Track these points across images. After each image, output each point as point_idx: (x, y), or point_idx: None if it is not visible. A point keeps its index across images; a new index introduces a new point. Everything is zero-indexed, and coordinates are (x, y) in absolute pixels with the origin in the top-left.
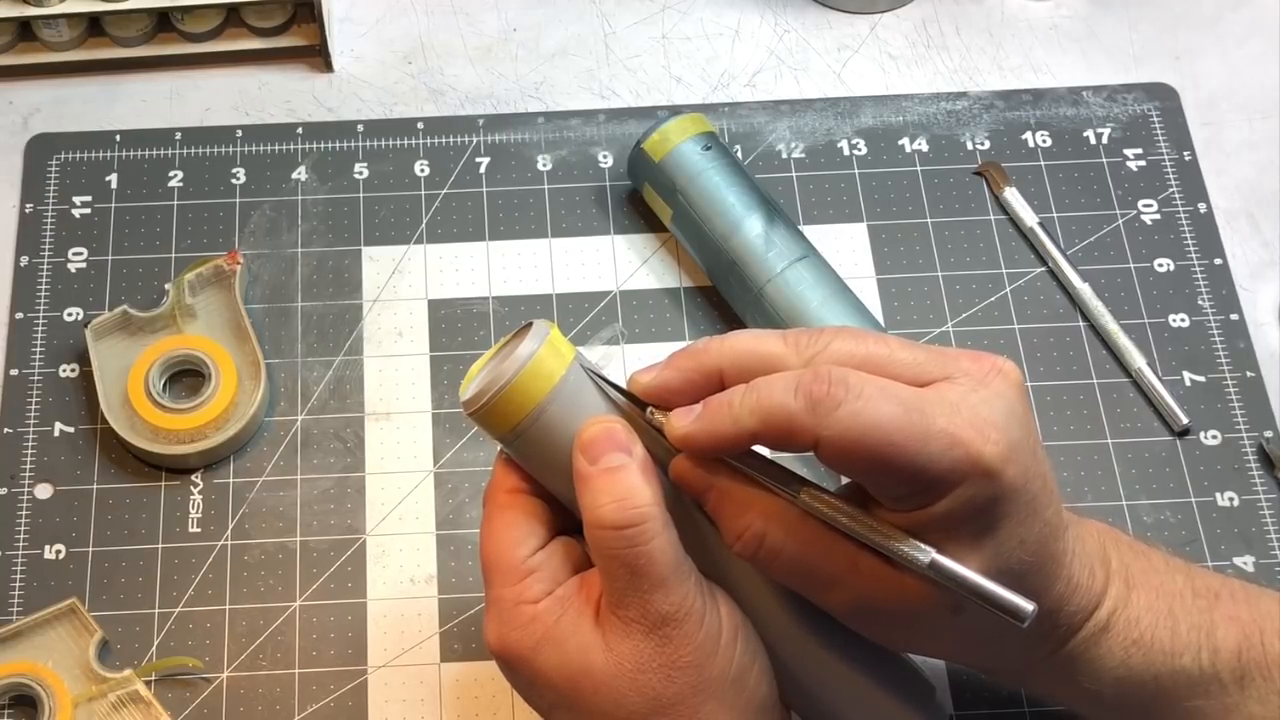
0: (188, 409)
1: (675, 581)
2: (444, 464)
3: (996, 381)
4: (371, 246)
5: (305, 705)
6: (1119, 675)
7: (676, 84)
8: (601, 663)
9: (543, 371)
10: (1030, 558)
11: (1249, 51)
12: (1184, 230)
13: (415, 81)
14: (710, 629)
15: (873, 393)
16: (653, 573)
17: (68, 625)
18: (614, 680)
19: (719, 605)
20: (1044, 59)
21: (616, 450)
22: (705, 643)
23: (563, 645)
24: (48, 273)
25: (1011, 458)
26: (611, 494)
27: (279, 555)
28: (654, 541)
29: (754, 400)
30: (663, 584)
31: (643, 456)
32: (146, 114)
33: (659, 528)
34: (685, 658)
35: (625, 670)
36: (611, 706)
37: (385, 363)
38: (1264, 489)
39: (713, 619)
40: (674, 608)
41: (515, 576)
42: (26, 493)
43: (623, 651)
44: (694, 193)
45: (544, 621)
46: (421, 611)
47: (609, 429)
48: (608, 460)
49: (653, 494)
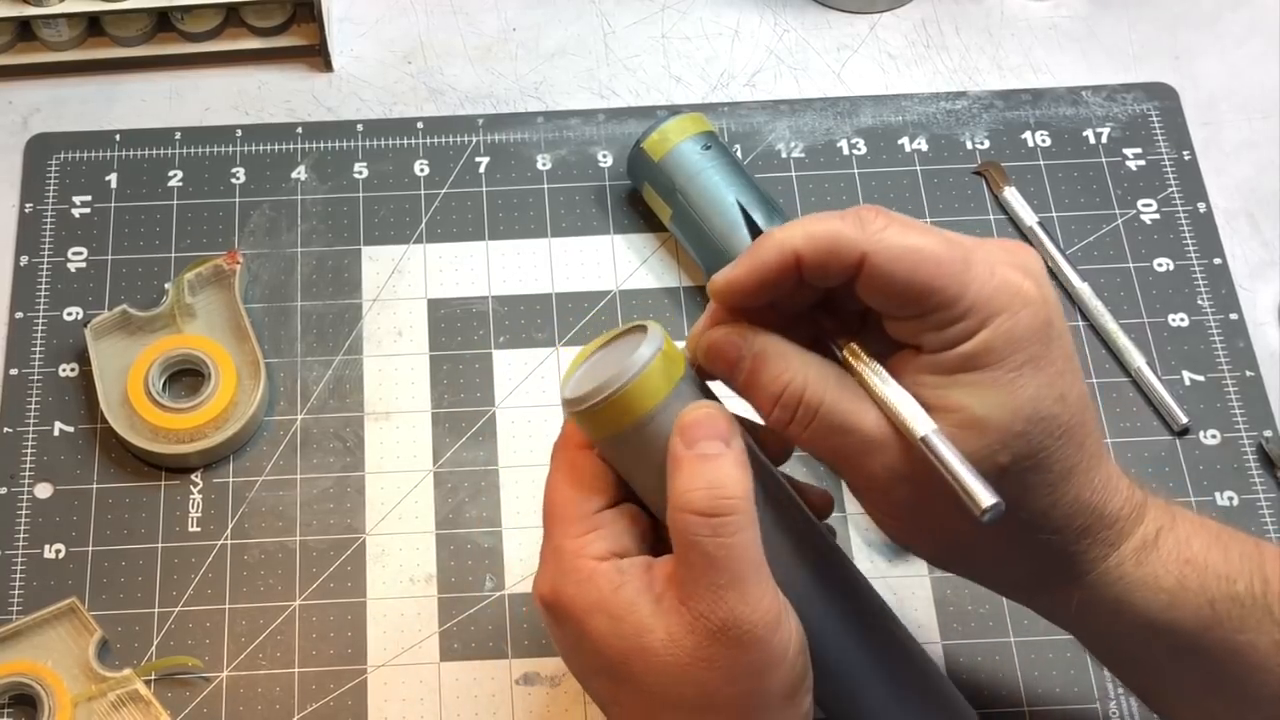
0: (187, 408)
1: (754, 582)
2: (443, 463)
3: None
4: (371, 246)
5: (305, 704)
6: (1173, 597)
7: (676, 84)
8: (660, 648)
9: (657, 378)
10: (1069, 416)
11: (1249, 51)
12: (1183, 230)
13: (415, 81)
14: (782, 639)
15: (919, 225)
16: (732, 568)
17: (67, 625)
18: (670, 668)
19: (791, 618)
20: (1043, 59)
21: (716, 438)
22: (775, 651)
23: (619, 618)
24: (47, 272)
25: (1049, 300)
26: (704, 479)
27: (279, 555)
28: (739, 535)
29: (799, 226)
30: (740, 582)
31: (741, 449)
32: (146, 114)
33: (746, 523)
34: (753, 664)
35: (683, 662)
36: (661, 691)
37: (385, 362)
38: (1264, 488)
39: (786, 629)
40: (749, 610)
41: (580, 529)
42: (26, 492)
43: (685, 644)
44: (693, 192)
45: (600, 585)
46: (421, 611)
47: (711, 414)
48: (705, 446)
49: (747, 487)
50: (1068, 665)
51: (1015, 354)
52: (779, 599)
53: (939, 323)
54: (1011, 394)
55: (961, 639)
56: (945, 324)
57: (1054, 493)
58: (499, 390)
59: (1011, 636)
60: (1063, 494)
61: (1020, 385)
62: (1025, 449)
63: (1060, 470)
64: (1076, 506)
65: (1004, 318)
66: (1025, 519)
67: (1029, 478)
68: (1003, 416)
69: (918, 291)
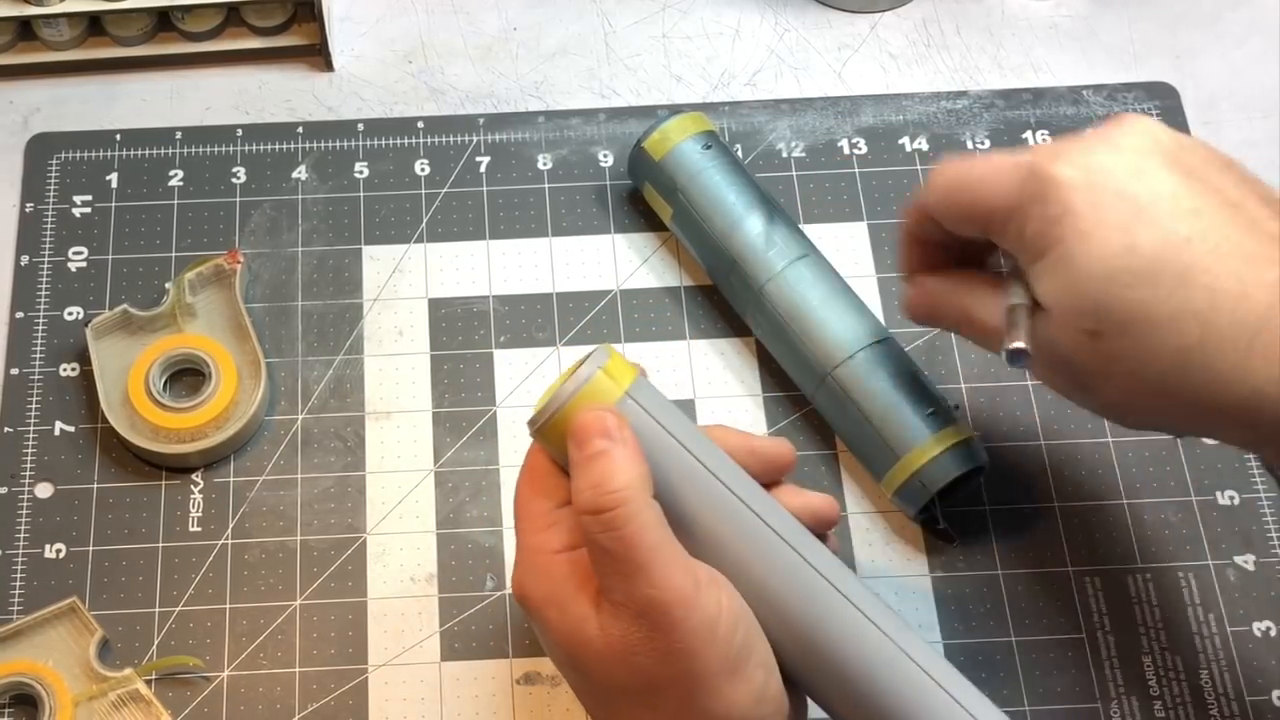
0: (188, 408)
1: (657, 565)
2: (444, 463)
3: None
4: (372, 245)
5: (305, 704)
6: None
7: (677, 83)
8: (595, 639)
9: (596, 397)
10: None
11: (1249, 51)
12: None
13: (415, 81)
14: (705, 615)
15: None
16: (632, 557)
17: (68, 624)
18: (608, 657)
19: (718, 592)
20: (1044, 58)
21: (600, 435)
22: (699, 629)
23: (564, 609)
24: (48, 272)
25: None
26: (589, 479)
27: (279, 554)
28: (630, 526)
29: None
30: (643, 568)
31: (629, 442)
32: (146, 113)
33: (635, 511)
34: (677, 644)
35: (617, 651)
36: (607, 679)
37: (385, 362)
38: (1264, 488)
39: (709, 605)
40: (659, 592)
41: (538, 524)
42: (27, 492)
43: (613, 634)
44: (694, 191)
45: (553, 576)
46: (422, 610)
47: (597, 415)
48: (591, 445)
49: (631, 477)
50: (1068, 665)
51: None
52: (693, 576)
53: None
54: (1062, 270)
55: (961, 639)
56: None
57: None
58: (500, 390)
59: (1012, 636)
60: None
61: (1066, 259)
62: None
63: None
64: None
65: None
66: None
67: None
68: (1060, 294)
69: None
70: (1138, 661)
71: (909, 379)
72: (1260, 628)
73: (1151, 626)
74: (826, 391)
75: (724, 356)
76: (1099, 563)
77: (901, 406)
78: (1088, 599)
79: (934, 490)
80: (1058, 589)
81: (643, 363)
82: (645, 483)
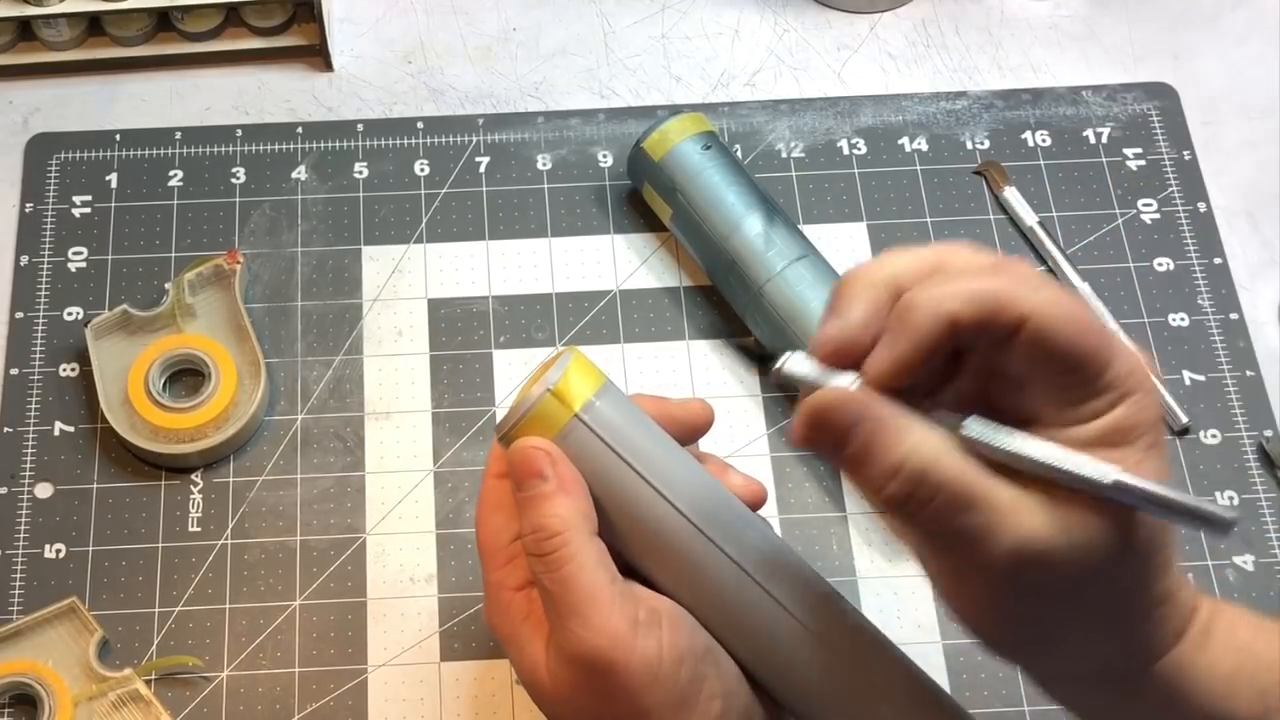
0: (188, 408)
1: (591, 608)
2: (444, 463)
3: None
4: (371, 246)
5: (305, 704)
6: (1229, 686)
7: (676, 83)
8: (545, 682)
9: (555, 408)
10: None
11: (1248, 51)
12: (1184, 229)
13: (415, 81)
14: (645, 656)
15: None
16: (568, 598)
17: (68, 624)
18: (558, 699)
19: (658, 631)
20: (1043, 58)
21: (533, 476)
22: (638, 671)
23: (521, 649)
24: (48, 272)
25: None
26: (530, 523)
27: (279, 554)
28: (566, 567)
29: (952, 286)
30: (577, 611)
31: (565, 476)
32: (146, 114)
33: (571, 554)
34: (620, 686)
35: (563, 694)
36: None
37: (385, 362)
38: (1264, 488)
39: (648, 645)
40: (593, 635)
41: (499, 560)
42: (27, 492)
43: (561, 677)
44: (693, 192)
45: (513, 617)
46: (421, 610)
47: (526, 452)
48: (528, 487)
49: (567, 518)
50: None
51: (1146, 434)
52: (630, 618)
53: (1082, 394)
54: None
55: (962, 638)
56: (1088, 396)
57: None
58: (499, 390)
59: None
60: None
61: (1145, 467)
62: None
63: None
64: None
65: (1139, 396)
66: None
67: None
68: None
69: (1077, 357)
70: None
71: None
72: None
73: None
74: None
75: (723, 356)
76: None
77: None
78: None
79: None
80: None
81: (642, 363)
82: (584, 521)
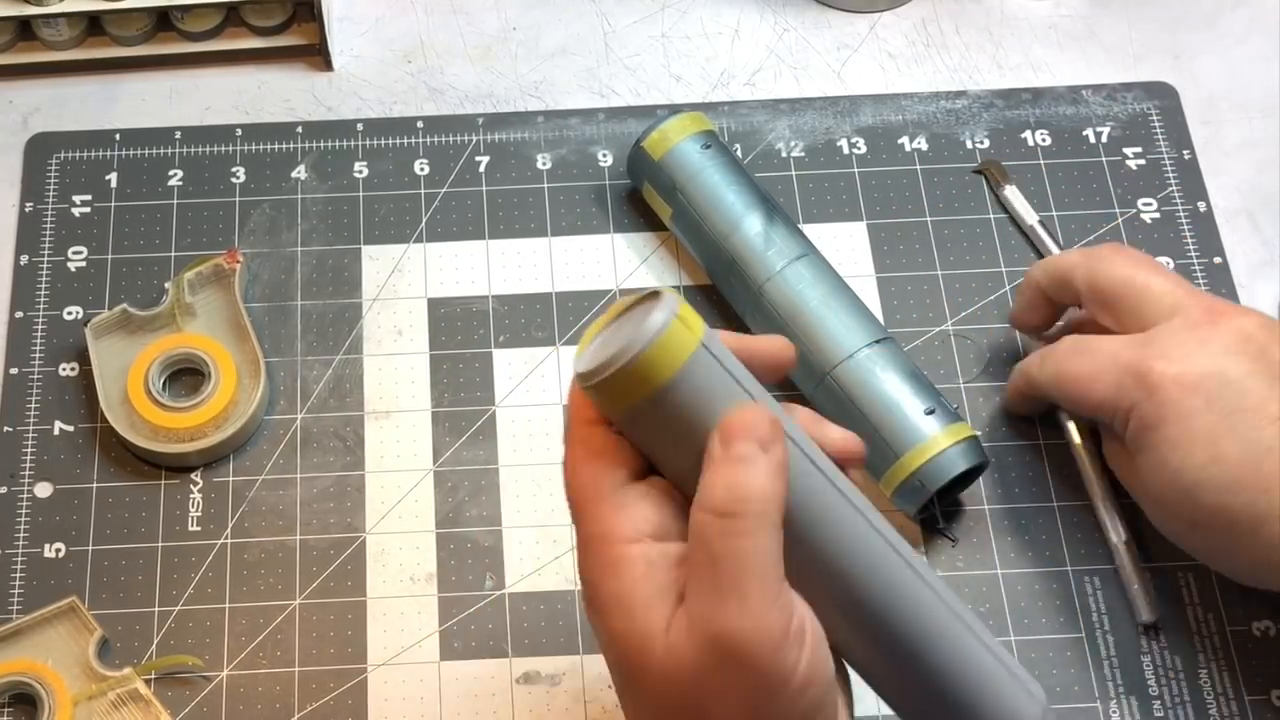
0: (187, 407)
1: (758, 594)
2: (444, 462)
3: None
4: (371, 245)
5: (305, 704)
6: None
7: (676, 83)
8: (658, 659)
9: (672, 347)
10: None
11: (1248, 50)
12: (1184, 229)
13: (415, 80)
14: (783, 665)
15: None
16: (735, 572)
17: (67, 624)
18: (664, 680)
19: (803, 649)
20: (1043, 58)
21: (752, 440)
22: (776, 676)
23: (633, 616)
24: (47, 272)
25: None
26: (726, 479)
27: (279, 554)
28: (748, 539)
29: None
30: (742, 590)
31: (778, 457)
32: (146, 113)
33: (760, 528)
34: (750, 686)
35: (677, 678)
36: (655, 703)
37: (385, 361)
38: None
39: (788, 658)
40: (749, 622)
41: (606, 508)
42: (26, 491)
43: (682, 656)
44: (693, 191)
45: (623, 576)
46: (421, 610)
47: (755, 418)
48: (739, 448)
49: (770, 496)
50: (1068, 665)
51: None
52: (790, 619)
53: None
54: (1156, 474)
55: None
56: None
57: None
58: (499, 389)
59: (1012, 636)
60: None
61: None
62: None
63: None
64: None
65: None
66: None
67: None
68: (1156, 492)
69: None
70: (1137, 661)
71: (908, 378)
72: (1259, 627)
73: (1151, 626)
74: (826, 391)
75: None
76: (1099, 563)
77: (900, 406)
78: (1087, 599)
79: (933, 489)
80: (1057, 589)
81: None
82: (781, 506)
